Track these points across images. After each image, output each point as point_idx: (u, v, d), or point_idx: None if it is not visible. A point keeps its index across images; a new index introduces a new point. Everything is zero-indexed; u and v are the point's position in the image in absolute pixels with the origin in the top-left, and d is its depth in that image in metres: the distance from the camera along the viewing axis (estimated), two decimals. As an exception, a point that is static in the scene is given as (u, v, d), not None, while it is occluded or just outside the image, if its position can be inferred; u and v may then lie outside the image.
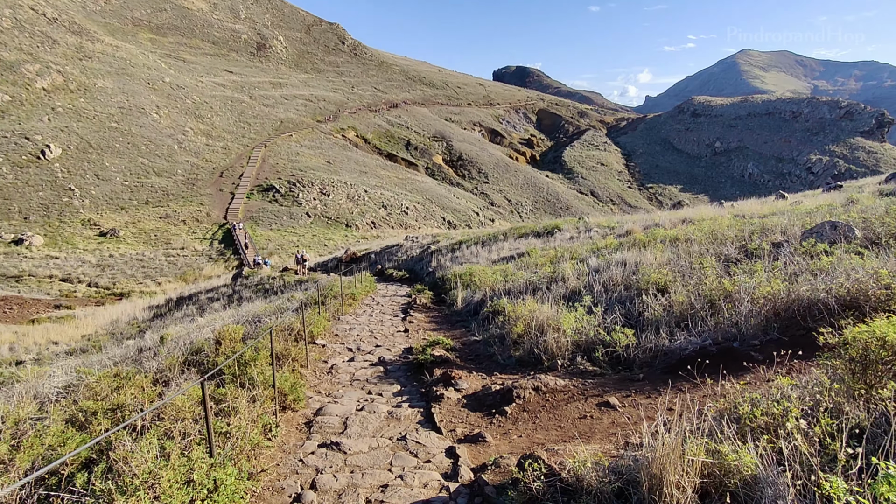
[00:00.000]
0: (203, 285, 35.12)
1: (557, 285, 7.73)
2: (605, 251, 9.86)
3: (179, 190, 66.28)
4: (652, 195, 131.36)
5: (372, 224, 64.40)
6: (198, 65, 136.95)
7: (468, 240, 20.76)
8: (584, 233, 15.67)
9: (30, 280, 39.74)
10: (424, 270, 18.41)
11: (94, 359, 8.88)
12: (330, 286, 10.88)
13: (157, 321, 25.76)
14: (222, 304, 23.82)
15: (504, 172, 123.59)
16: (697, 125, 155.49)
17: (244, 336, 6.37)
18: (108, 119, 77.33)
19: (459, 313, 9.37)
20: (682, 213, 17.63)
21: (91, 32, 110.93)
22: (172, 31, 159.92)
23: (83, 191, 59.67)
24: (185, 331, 9.23)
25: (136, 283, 41.01)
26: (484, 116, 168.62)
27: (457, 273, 12.01)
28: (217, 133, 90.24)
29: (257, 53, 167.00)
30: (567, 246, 12.86)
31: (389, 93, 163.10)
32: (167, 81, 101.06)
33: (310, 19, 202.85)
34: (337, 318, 9.03)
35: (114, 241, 51.35)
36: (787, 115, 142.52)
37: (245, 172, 74.34)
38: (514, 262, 12.03)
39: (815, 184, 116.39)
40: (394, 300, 12.07)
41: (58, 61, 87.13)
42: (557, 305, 6.16)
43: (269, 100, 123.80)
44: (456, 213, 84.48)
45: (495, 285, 9.22)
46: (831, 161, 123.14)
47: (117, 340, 23.56)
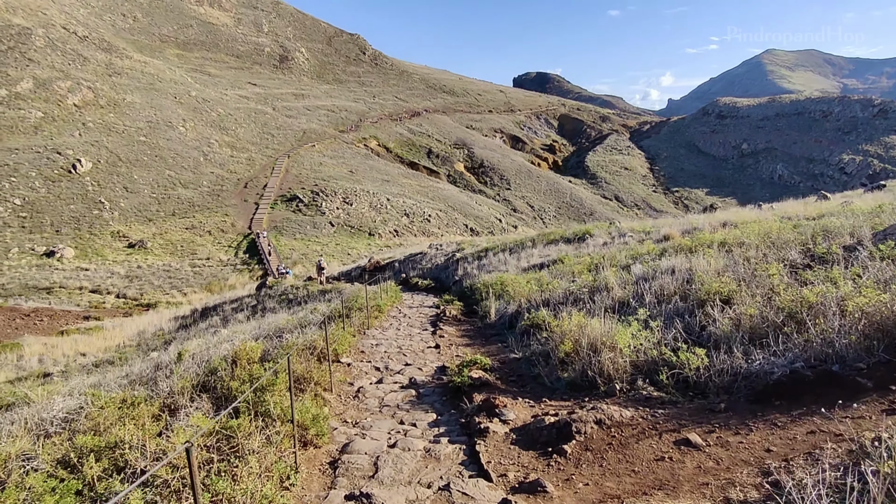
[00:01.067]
0: (228, 295, 35.13)
1: (601, 295, 7.06)
2: (648, 258, 9.15)
3: (205, 201, 67.10)
4: (678, 199, 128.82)
5: (395, 232, 64.16)
6: (222, 78, 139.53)
7: (494, 247, 20.13)
8: (617, 238, 14.92)
9: (60, 292, 40.34)
10: (450, 279, 17.83)
11: (112, 376, 8.49)
12: (354, 297, 10.35)
13: (182, 332, 25.67)
14: (246, 314, 23.58)
15: (526, 179, 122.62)
16: (723, 127, 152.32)
17: (263, 355, 5.87)
18: (137, 133, 78.93)
19: (493, 326, 8.74)
20: (720, 216, 16.72)
21: (120, 49, 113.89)
22: (198, 46, 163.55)
23: (112, 203, 60.77)
24: (205, 345, 8.79)
25: (163, 293, 41.33)
26: (505, 123, 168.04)
27: (486, 282, 11.39)
28: (241, 144, 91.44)
29: (280, 66, 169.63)
30: (602, 252, 12.15)
31: (410, 101, 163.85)
32: (193, 95, 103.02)
33: (331, 31, 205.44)
34: (362, 332, 8.50)
35: (142, 252, 52.03)
36: (817, 115, 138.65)
37: (269, 183, 74.99)
38: (547, 270, 11.37)
39: (850, 184, 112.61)
40: (421, 311, 11.48)
41: (88, 78, 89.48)
42: (607, 319, 5.51)
43: (292, 111, 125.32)
44: (478, 220, 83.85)
45: (531, 295, 8.59)
46: (865, 161, 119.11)
47: (142, 352, 23.49)
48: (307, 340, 5.50)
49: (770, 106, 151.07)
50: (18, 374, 23.54)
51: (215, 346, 8.44)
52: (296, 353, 5.38)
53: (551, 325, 5.74)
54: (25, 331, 29.51)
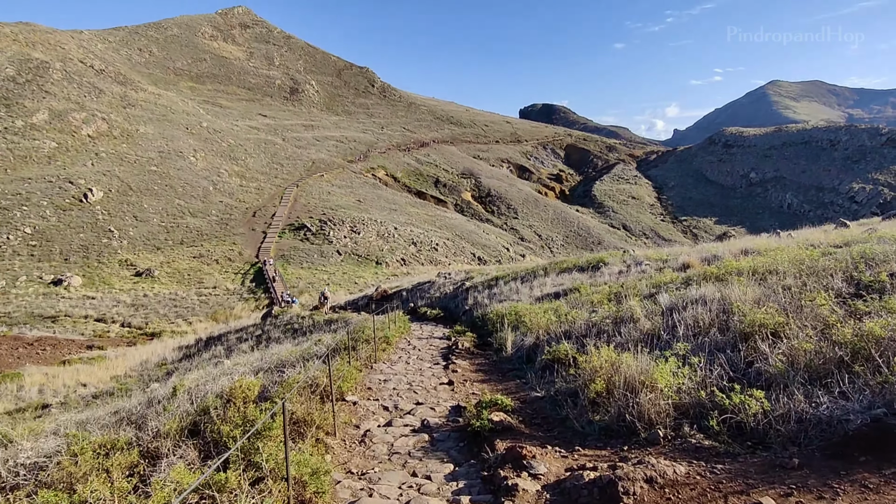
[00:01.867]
0: (233, 325, 34.65)
1: (627, 327, 6.52)
2: (672, 286, 8.61)
3: (213, 230, 67.26)
4: (686, 228, 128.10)
5: (402, 261, 63.79)
6: (234, 110, 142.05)
7: (505, 275, 19.61)
8: (633, 266, 14.38)
9: (65, 320, 40.02)
10: (460, 308, 17.27)
11: (103, 412, 7.96)
12: (361, 328, 9.78)
13: (185, 363, 25.14)
14: (250, 344, 23.05)
15: (533, 208, 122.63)
16: (730, 156, 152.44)
17: (261, 392, 5.35)
18: (148, 163, 79.89)
19: (509, 360, 8.13)
20: (739, 244, 16.14)
21: (135, 82, 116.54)
22: (211, 79, 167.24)
23: (122, 232, 60.98)
24: (203, 378, 8.28)
25: (168, 322, 40.91)
26: (512, 153, 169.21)
27: (499, 312, 10.82)
28: (251, 174, 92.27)
29: (290, 97, 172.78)
30: (620, 281, 11.61)
31: (418, 132, 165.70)
32: (204, 126, 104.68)
33: (341, 64, 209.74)
34: (369, 366, 7.91)
35: (149, 280, 51.86)
36: (825, 144, 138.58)
37: (277, 212, 75.26)
38: (563, 300, 10.83)
39: (860, 213, 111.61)
40: (431, 343, 10.87)
41: (103, 109, 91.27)
42: (639, 354, 4.97)
43: (302, 141, 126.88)
44: (486, 248, 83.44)
45: (549, 327, 8.03)
46: (875, 189, 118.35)
47: (143, 383, 22.93)
48: (309, 377, 4.99)
49: (777, 135, 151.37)
50: (17, 404, 23.00)
51: (213, 379, 7.95)
52: (296, 391, 4.85)
53: (578, 361, 5.18)
54: (28, 360, 29.07)
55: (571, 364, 5.57)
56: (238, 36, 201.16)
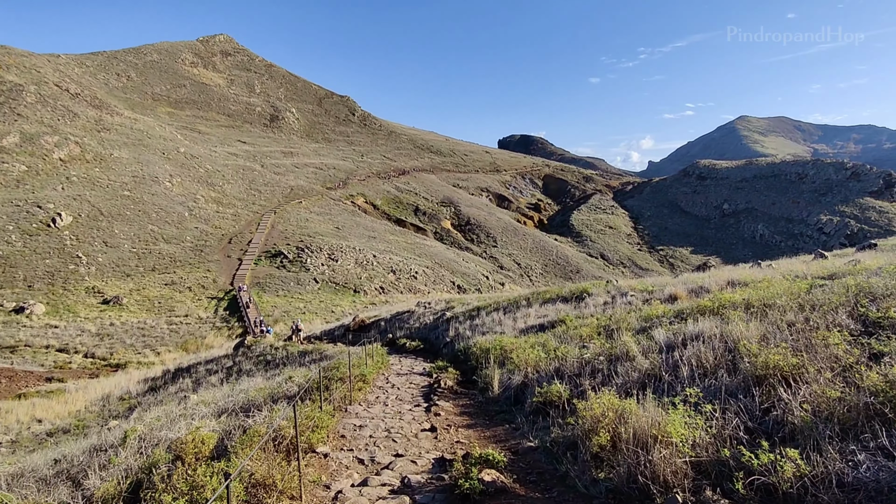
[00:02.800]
0: (203, 355, 33.34)
1: (623, 366, 6.04)
2: (665, 320, 8.20)
3: (187, 256, 65.62)
4: (663, 257, 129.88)
5: (381, 289, 62.88)
6: (212, 136, 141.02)
7: (486, 305, 19.09)
8: (619, 297, 14.02)
9: (25, 350, 38.08)
10: (441, 340, 16.65)
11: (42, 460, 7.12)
12: (335, 364, 9.04)
13: (149, 396, 23.88)
14: (220, 377, 22.00)
15: (513, 236, 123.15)
16: (704, 188, 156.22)
17: (218, 445, 4.69)
18: (122, 188, 78.18)
19: (496, 401, 7.50)
20: (721, 275, 15.97)
21: (111, 106, 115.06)
22: (190, 104, 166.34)
23: (90, 258, 59.07)
24: (161, 421, 7.53)
25: (135, 353, 39.22)
26: (491, 182, 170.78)
27: (484, 346, 10.24)
28: (228, 200, 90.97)
29: (270, 125, 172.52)
30: (608, 313, 11.20)
31: (398, 161, 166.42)
32: (181, 151, 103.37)
33: (322, 92, 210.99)
34: (343, 408, 7.25)
35: (116, 308, 49.98)
36: (793, 177, 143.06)
37: (254, 239, 73.96)
38: (549, 333, 10.35)
39: (829, 244, 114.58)
40: (411, 380, 10.12)
41: (77, 133, 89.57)
42: (644, 399, 4.48)
43: (280, 168, 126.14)
44: (466, 277, 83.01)
45: (538, 364, 7.50)
46: (843, 221, 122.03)
47: (103, 419, 21.61)
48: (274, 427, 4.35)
49: (748, 168, 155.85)
50: (-38, 443, 21.47)
51: (171, 422, 7.23)
52: (259, 441, 4.22)
53: (577, 408, 4.66)
54: (-21, 394, 27.30)
55: (566, 409, 5.03)
56: (219, 63, 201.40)
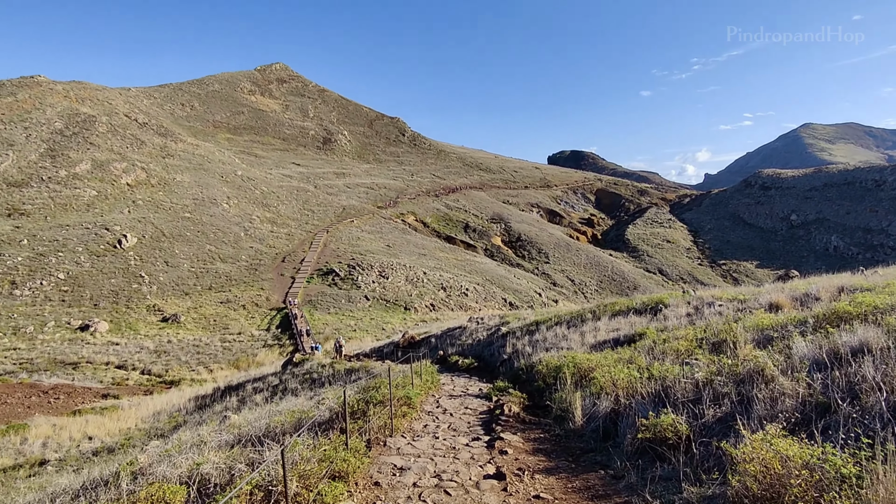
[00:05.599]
0: (253, 373, 33.02)
1: (761, 390, 4.42)
2: (791, 330, 6.45)
3: (242, 275, 66.85)
4: (726, 272, 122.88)
5: (431, 306, 61.76)
6: (268, 159, 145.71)
7: (546, 319, 17.43)
8: (704, 307, 12.10)
9: (86, 367, 39.03)
10: (497, 358, 15.14)
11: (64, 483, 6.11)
12: (377, 384, 7.66)
13: (197, 415, 23.41)
14: (265, 396, 21.24)
15: (565, 252, 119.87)
16: (768, 198, 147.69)
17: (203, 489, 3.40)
18: (183, 210, 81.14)
19: (580, 434, 5.92)
20: (828, 282, 13.67)
21: (175, 134, 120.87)
22: (248, 130, 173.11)
23: (152, 277, 60.97)
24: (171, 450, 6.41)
25: (189, 370, 39.50)
26: (541, 198, 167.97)
27: (552, 363, 8.64)
28: (282, 220, 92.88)
29: (323, 147, 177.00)
30: (699, 325, 9.42)
31: (447, 179, 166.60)
32: (239, 174, 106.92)
33: (372, 115, 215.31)
34: (382, 441, 5.83)
35: (174, 326, 51.05)
36: (870, 184, 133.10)
37: (306, 257, 74.75)
38: (630, 348, 8.70)
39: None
40: (466, 404, 8.54)
41: (143, 159, 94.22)
42: (818, 441, 2.88)
43: (333, 188, 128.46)
44: (517, 293, 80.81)
45: (632, 385, 5.90)
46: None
47: (149, 437, 21.22)
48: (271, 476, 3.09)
49: (817, 176, 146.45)
50: (17, 459, 21.48)
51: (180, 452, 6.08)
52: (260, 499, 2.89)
53: (730, 455, 3.09)
54: (39, 409, 27.76)
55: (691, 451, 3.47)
56: (275, 90, 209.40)
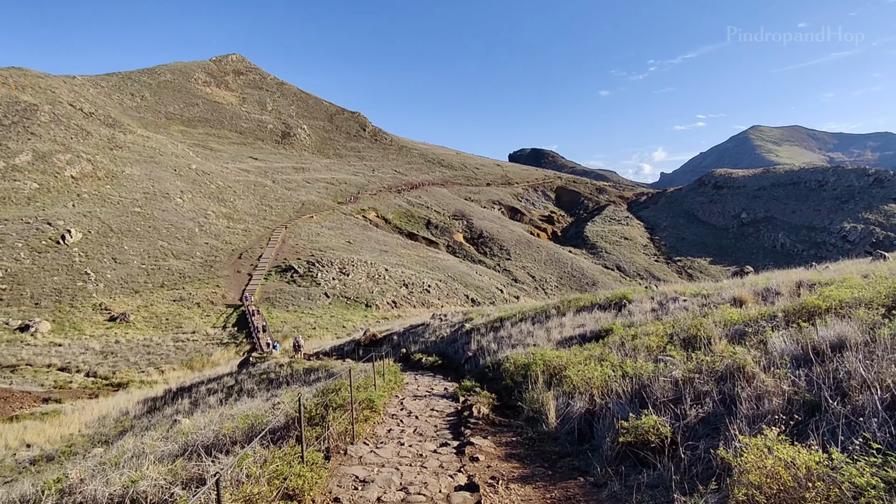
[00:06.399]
0: (207, 373, 31.79)
1: (743, 388, 4.22)
2: (763, 325, 6.35)
3: (196, 272, 64.47)
4: (681, 268, 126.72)
5: (393, 303, 61.12)
6: (224, 153, 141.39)
7: (511, 315, 17.24)
8: (669, 303, 12.11)
9: (26, 370, 36.75)
10: (461, 355, 14.83)
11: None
12: (337, 386, 7.11)
13: (146, 419, 22.25)
14: (219, 397, 20.32)
15: (526, 249, 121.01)
16: (721, 197, 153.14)
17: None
18: (132, 204, 77.65)
19: (555, 437, 5.57)
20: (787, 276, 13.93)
21: (124, 125, 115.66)
22: (203, 123, 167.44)
23: (98, 275, 58.07)
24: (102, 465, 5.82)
25: (138, 371, 37.73)
26: (503, 195, 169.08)
27: (519, 361, 8.33)
28: (238, 216, 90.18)
29: (282, 141, 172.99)
30: (666, 320, 9.33)
31: (409, 175, 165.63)
32: (193, 168, 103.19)
33: (333, 109, 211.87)
34: (342, 449, 5.33)
35: (122, 325, 48.72)
36: (813, 184, 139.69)
37: (264, 253, 72.76)
38: (598, 345, 8.51)
39: (853, 252, 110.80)
40: (432, 405, 8.23)
41: (89, 151, 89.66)
42: (819, 445, 2.65)
43: (292, 183, 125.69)
44: (479, 290, 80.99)
45: (607, 384, 5.63)
46: (867, 229, 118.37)
47: (93, 444, 19.98)
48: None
49: (765, 176, 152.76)
50: (-56, 472, 19.93)
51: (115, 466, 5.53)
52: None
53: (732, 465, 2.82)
54: (-29, 417, 25.87)
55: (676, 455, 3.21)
56: (231, 82, 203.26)
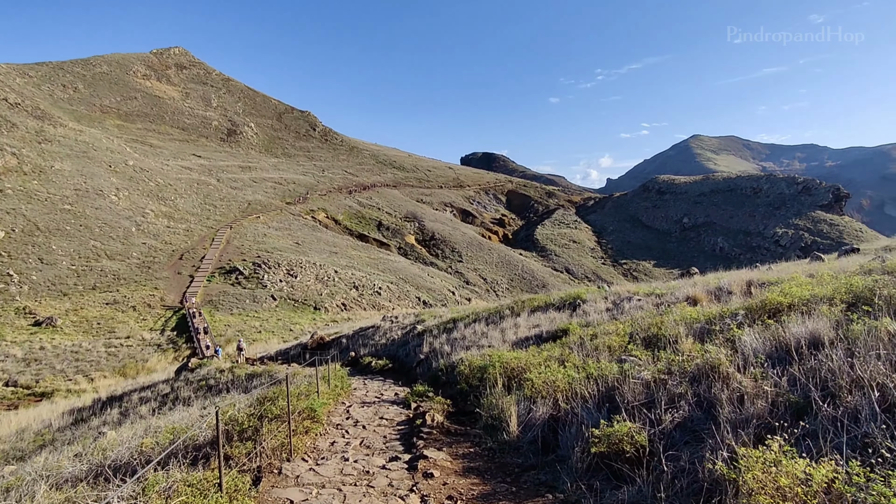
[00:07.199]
0: (142, 381, 29.84)
1: (721, 389, 3.89)
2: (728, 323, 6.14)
3: (133, 273, 60.96)
4: (627, 271, 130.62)
5: (342, 306, 59.78)
6: (165, 149, 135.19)
7: (464, 317, 16.82)
8: (624, 302, 11.99)
9: (-66, 381, 33.48)
10: (413, 358, 14.28)
11: None
12: (274, 394, 6.30)
13: (70, 431, 20.48)
14: (152, 406, 18.92)
15: (478, 251, 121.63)
16: (664, 202, 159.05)
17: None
18: (62, 201, 72.76)
19: (517, 448, 5.04)
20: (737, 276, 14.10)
21: (55, 118, 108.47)
22: (141, 117, 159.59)
23: (22, 276, 53.99)
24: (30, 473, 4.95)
25: (65, 379, 35.08)
26: (455, 198, 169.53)
27: (475, 363, 7.84)
28: (180, 215, 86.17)
29: (227, 139, 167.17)
30: (624, 319, 9.12)
31: (360, 176, 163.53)
32: (130, 164, 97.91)
33: (281, 107, 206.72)
34: (276, 468, 4.58)
35: (49, 331, 45.31)
36: (749, 191, 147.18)
37: (207, 254, 69.71)
38: (556, 345, 8.17)
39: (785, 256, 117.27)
40: (381, 413, 7.53)
41: (14, 144, 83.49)
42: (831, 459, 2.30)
43: (238, 182, 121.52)
44: (431, 292, 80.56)
45: (572, 387, 5.21)
46: (797, 234, 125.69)
47: (5, 461, 18.17)
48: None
49: (705, 183, 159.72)
50: None
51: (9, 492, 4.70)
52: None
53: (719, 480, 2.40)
54: None
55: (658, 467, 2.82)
56: (173, 76, 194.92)
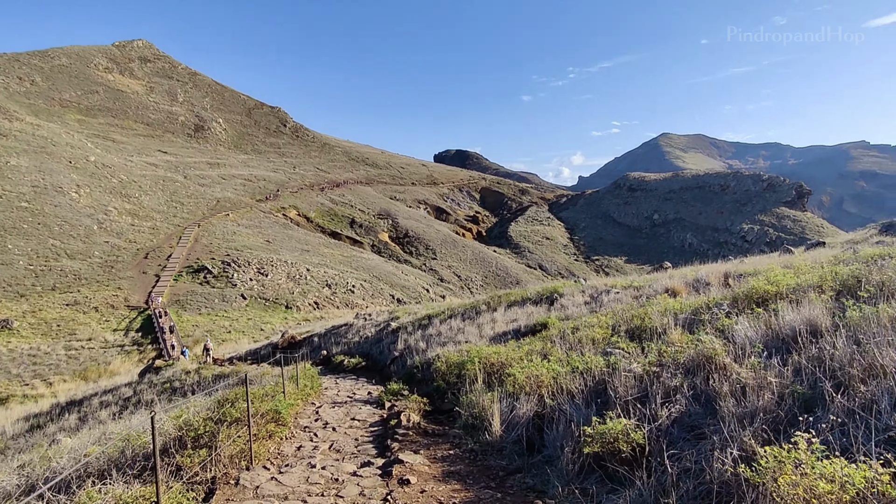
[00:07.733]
0: (104, 384, 28.67)
1: (719, 382, 3.62)
2: (716, 313, 5.92)
3: (94, 273, 58.76)
4: (599, 267, 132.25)
5: (315, 304, 58.79)
6: (129, 145, 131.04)
7: (439, 313, 16.47)
8: (603, 295, 11.80)
9: None
10: (387, 355, 13.86)
11: None
12: (235, 396, 5.76)
13: (24, 439, 19.42)
14: (113, 411, 18.06)
15: (452, 248, 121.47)
16: (635, 199, 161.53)
17: None
18: (18, 198, 69.68)
19: (499, 448, 4.68)
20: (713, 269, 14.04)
21: (10, 111, 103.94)
22: (103, 112, 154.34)
23: (-25, 277, 51.49)
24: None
25: (21, 384, 33.51)
26: (428, 195, 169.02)
27: (452, 359, 7.48)
28: (145, 213, 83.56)
29: (195, 135, 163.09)
30: (604, 312, 8.88)
31: (332, 173, 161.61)
32: (91, 160, 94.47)
33: (251, 103, 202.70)
34: (234, 478, 4.09)
35: (4, 333, 43.27)
36: (716, 189, 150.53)
37: (174, 253, 67.69)
38: (536, 339, 7.88)
39: (751, 251, 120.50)
40: (353, 413, 7.08)
41: (-35, 139, 79.72)
42: None
43: (206, 179, 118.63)
44: (405, 290, 80.00)
45: (557, 382, 4.89)
46: (762, 230, 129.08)
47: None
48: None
49: (675, 180, 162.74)
50: None
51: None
52: None
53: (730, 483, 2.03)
54: None
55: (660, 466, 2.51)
56: (137, 69, 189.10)
